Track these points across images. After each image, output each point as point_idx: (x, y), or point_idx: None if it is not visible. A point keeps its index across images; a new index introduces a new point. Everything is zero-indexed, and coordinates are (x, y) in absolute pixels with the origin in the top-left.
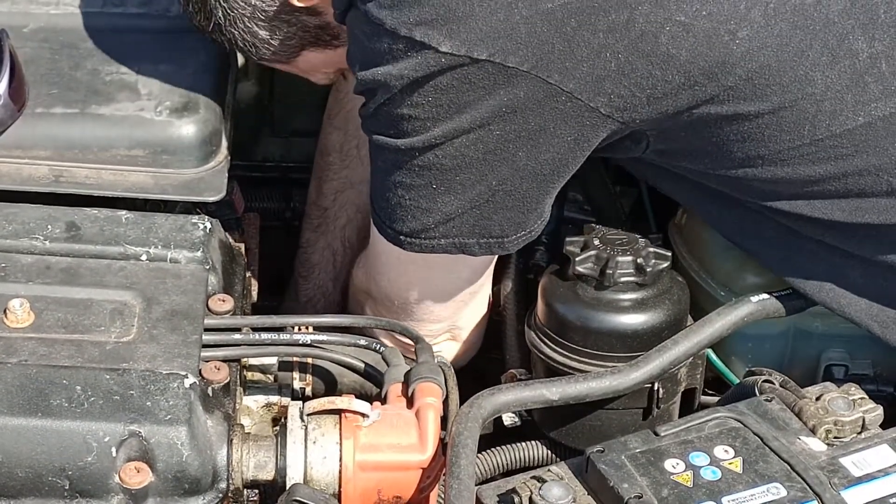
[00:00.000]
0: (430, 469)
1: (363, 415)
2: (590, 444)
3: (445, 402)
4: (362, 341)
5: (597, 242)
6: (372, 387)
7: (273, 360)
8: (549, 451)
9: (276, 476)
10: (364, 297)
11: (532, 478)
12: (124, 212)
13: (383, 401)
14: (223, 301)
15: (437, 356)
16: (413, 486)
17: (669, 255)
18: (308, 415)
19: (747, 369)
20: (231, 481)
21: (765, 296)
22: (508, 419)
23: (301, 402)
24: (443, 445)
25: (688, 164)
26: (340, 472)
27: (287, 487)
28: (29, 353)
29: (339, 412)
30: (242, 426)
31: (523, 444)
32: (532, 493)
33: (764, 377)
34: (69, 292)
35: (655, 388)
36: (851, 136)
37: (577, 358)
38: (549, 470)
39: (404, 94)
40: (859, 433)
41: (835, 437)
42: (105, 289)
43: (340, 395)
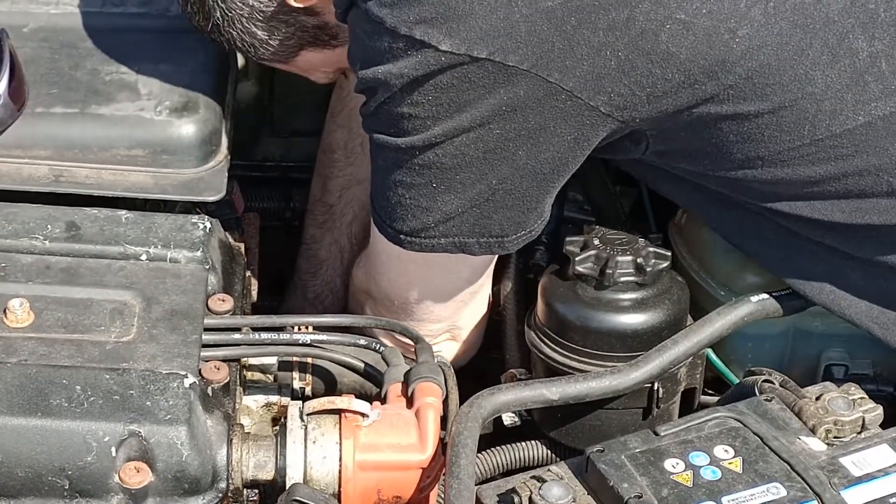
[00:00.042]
0: (430, 469)
1: (363, 414)
2: (590, 444)
3: (445, 402)
4: (362, 341)
5: (597, 242)
6: (372, 387)
7: (273, 360)
8: (549, 451)
9: (275, 476)
10: (364, 296)
11: (532, 478)
12: (124, 212)
13: (383, 401)
14: (223, 301)
15: (436, 356)
16: (413, 486)
17: (669, 254)
18: (308, 414)
19: (747, 369)
20: (231, 481)
21: (764, 296)
22: (508, 419)
23: (301, 402)
24: (443, 445)
25: (687, 166)
26: (340, 471)
27: (287, 487)
28: (29, 352)
29: (338, 412)
30: (242, 426)
31: (523, 443)
32: (532, 492)
33: (764, 377)
34: (69, 292)
35: (655, 387)
36: (851, 135)
37: (577, 358)
38: (549, 470)
39: (404, 93)
40: (859, 433)
41: (835, 437)
42: (105, 288)
43: (340, 395)
